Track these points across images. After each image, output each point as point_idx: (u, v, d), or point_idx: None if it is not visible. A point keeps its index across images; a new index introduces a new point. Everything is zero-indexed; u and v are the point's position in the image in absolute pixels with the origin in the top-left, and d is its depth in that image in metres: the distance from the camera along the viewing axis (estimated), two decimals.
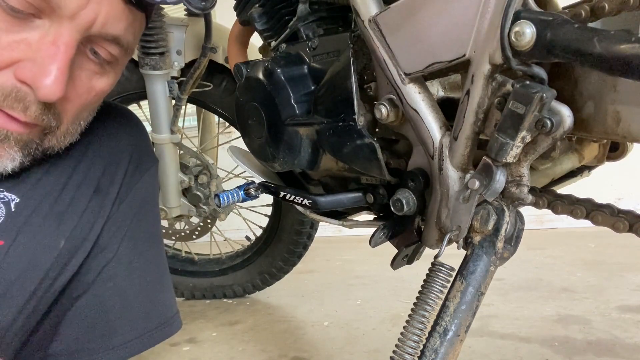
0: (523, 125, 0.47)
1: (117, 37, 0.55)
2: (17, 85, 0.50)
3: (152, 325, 0.70)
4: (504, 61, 0.48)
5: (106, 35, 0.54)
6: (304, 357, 1.19)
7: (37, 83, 0.49)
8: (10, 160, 0.53)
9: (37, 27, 0.50)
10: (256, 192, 0.85)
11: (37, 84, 0.49)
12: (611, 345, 1.12)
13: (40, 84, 0.49)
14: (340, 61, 0.68)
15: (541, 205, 0.68)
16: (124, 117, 0.72)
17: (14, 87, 0.50)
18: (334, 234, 2.65)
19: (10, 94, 0.50)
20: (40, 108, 0.52)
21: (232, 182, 1.58)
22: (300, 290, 1.74)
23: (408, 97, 0.59)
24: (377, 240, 0.67)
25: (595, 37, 0.42)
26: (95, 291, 0.66)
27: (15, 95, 0.50)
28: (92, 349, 0.66)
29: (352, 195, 0.73)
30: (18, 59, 0.50)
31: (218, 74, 1.35)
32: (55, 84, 0.49)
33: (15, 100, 0.50)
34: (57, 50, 0.50)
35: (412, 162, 0.64)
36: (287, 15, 0.79)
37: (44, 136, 0.56)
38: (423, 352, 0.56)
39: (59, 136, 0.57)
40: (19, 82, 0.50)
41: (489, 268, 0.57)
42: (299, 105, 0.74)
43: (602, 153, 0.71)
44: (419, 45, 0.56)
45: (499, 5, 0.47)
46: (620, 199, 2.28)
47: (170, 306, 0.74)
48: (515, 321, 1.30)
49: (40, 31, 0.50)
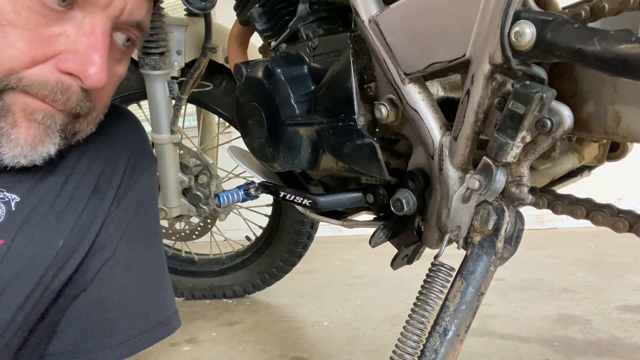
0: (523, 125, 0.47)
1: (140, 22, 0.58)
2: (62, 78, 0.52)
3: (150, 325, 0.70)
4: (504, 61, 0.48)
5: (132, 22, 0.57)
6: (304, 357, 1.19)
7: (84, 73, 0.52)
8: (53, 145, 0.55)
9: (72, 19, 0.52)
10: (256, 192, 0.85)
11: (83, 73, 0.52)
12: (611, 345, 1.12)
13: (86, 73, 0.52)
14: (340, 61, 0.68)
15: (541, 205, 0.68)
16: (122, 117, 0.73)
17: (58, 79, 0.52)
18: (334, 234, 2.65)
19: (55, 86, 0.52)
20: (80, 97, 0.54)
21: (232, 182, 1.58)
22: (300, 290, 1.74)
23: (408, 97, 0.59)
24: (377, 240, 0.67)
25: (595, 37, 0.42)
26: (94, 290, 0.66)
27: (60, 88, 0.52)
28: (90, 348, 0.66)
29: (352, 195, 0.73)
30: (59, 52, 0.51)
31: (218, 74, 1.35)
32: (100, 71, 0.52)
33: (60, 92, 0.52)
34: (97, 39, 0.52)
35: (412, 162, 0.64)
36: (287, 15, 0.79)
37: (75, 120, 0.58)
38: (423, 352, 0.56)
39: (90, 122, 0.60)
40: (62, 74, 0.52)
41: (489, 268, 0.57)
42: (299, 105, 0.74)
43: (602, 153, 0.71)
44: (419, 45, 0.56)
45: (499, 5, 0.47)
46: (620, 199, 2.28)
47: (169, 305, 0.74)
48: (515, 321, 1.30)
49: (75, 22, 0.52)
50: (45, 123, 0.53)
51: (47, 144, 0.54)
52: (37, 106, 0.53)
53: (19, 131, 0.52)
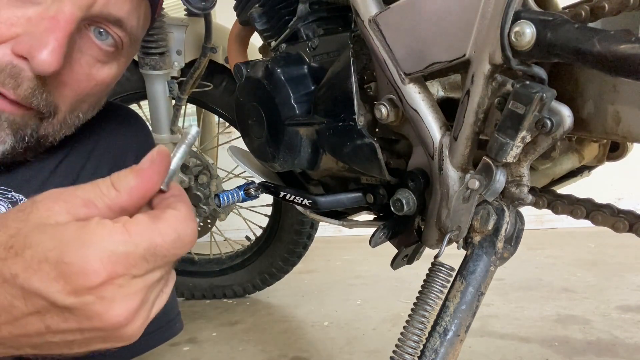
0: (523, 125, 0.47)
1: (120, 20, 0.55)
2: (14, 61, 0.49)
3: (153, 327, 0.70)
4: (504, 61, 0.48)
5: (109, 16, 0.53)
6: (304, 357, 1.19)
7: (33, 54, 0.48)
8: (1, 143, 0.52)
9: (39, 4, 0.50)
10: (256, 192, 0.85)
11: (33, 54, 0.48)
12: (611, 345, 1.13)
13: (36, 55, 0.48)
14: (340, 61, 0.68)
15: (541, 205, 0.68)
16: (128, 118, 0.73)
17: (9, 62, 0.49)
18: (334, 234, 2.65)
19: (4, 69, 0.49)
20: (32, 86, 0.51)
21: (232, 182, 1.58)
22: (300, 290, 1.74)
23: (408, 97, 0.59)
24: (377, 240, 0.67)
25: (595, 37, 0.42)
26: None
27: (10, 71, 0.49)
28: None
29: (352, 195, 0.73)
30: (17, 34, 0.49)
31: (218, 74, 1.35)
32: (51, 55, 0.48)
33: (9, 76, 0.49)
34: (57, 24, 0.49)
35: (412, 162, 0.64)
36: (287, 15, 0.79)
37: (39, 122, 0.54)
38: (423, 352, 0.56)
39: (55, 124, 0.56)
40: (15, 57, 0.49)
41: (489, 268, 0.57)
42: (299, 105, 0.74)
43: (602, 153, 0.71)
44: (419, 45, 0.56)
45: (499, 5, 0.47)
46: (620, 199, 2.28)
47: (172, 308, 0.74)
48: (515, 321, 1.30)
49: (42, 7, 0.50)
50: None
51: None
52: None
53: None
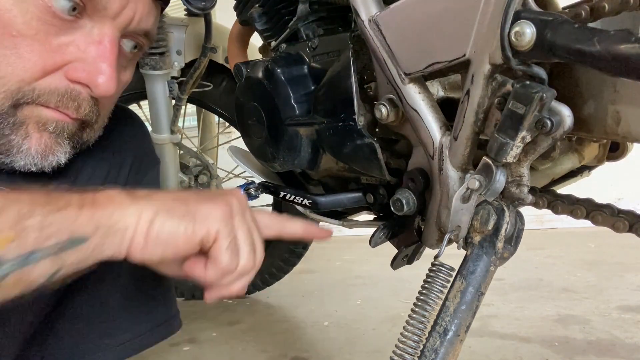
0: (523, 125, 0.47)
1: (148, 31, 0.59)
2: (71, 86, 0.53)
3: (151, 325, 0.70)
4: (504, 61, 0.48)
5: (140, 31, 0.57)
6: (304, 357, 1.19)
7: (93, 82, 0.52)
8: (64, 154, 0.56)
9: (81, 28, 0.52)
10: (256, 192, 0.85)
11: (92, 82, 0.52)
12: (611, 345, 1.13)
13: (96, 82, 0.52)
14: (340, 61, 0.68)
15: (541, 205, 0.68)
16: (126, 118, 0.73)
17: (67, 87, 0.53)
18: (334, 234, 2.64)
19: (65, 94, 0.53)
20: (90, 105, 0.55)
21: (232, 182, 1.58)
22: (300, 290, 1.74)
23: (408, 97, 0.59)
24: (377, 240, 0.67)
25: (595, 37, 0.42)
26: (95, 290, 0.66)
27: (70, 95, 0.53)
28: (91, 348, 0.66)
29: (352, 195, 0.73)
30: (68, 61, 0.52)
31: (218, 74, 1.35)
32: (109, 80, 0.53)
33: (70, 100, 0.53)
34: (105, 48, 0.53)
35: (412, 162, 0.64)
36: (287, 15, 0.79)
37: (83, 130, 0.58)
38: (423, 352, 0.56)
39: (96, 130, 0.60)
40: (71, 82, 0.53)
41: (489, 268, 0.57)
42: (299, 105, 0.74)
43: (602, 153, 0.70)
44: (419, 45, 0.56)
45: (499, 5, 0.47)
46: (620, 199, 2.28)
47: (170, 306, 0.74)
48: (515, 321, 1.30)
49: (84, 32, 0.52)
50: (56, 132, 0.54)
51: (57, 153, 0.55)
52: (50, 116, 0.53)
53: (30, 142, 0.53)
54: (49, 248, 0.41)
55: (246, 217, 0.52)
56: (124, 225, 0.45)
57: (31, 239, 0.40)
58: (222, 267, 0.49)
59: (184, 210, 0.47)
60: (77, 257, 0.43)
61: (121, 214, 0.45)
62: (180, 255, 0.48)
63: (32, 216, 0.41)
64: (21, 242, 0.40)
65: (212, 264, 0.49)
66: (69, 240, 0.42)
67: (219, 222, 0.48)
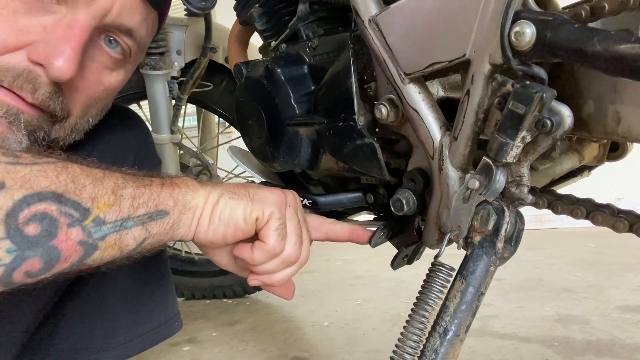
0: (523, 125, 0.47)
1: (131, 30, 0.57)
2: (30, 67, 0.51)
3: (152, 326, 0.70)
4: (504, 61, 0.48)
5: (120, 26, 0.56)
6: (304, 357, 1.19)
7: (50, 61, 0.51)
8: (17, 143, 0.53)
9: (55, 12, 0.52)
10: None
11: (49, 62, 0.51)
12: (611, 345, 1.13)
13: (52, 63, 0.51)
14: (340, 61, 0.68)
15: (541, 205, 0.68)
16: (128, 118, 0.73)
17: (26, 67, 0.51)
18: None
19: (21, 74, 0.51)
20: (49, 91, 0.53)
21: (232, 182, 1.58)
22: (300, 290, 1.74)
23: (408, 97, 0.59)
24: (377, 240, 0.67)
25: (595, 37, 0.42)
26: (95, 290, 0.66)
27: (27, 76, 0.51)
28: (92, 348, 0.66)
29: (352, 195, 0.73)
30: (32, 41, 0.51)
31: (218, 74, 1.35)
32: (67, 62, 0.51)
33: (26, 81, 0.51)
34: (72, 32, 0.52)
35: (412, 162, 0.64)
36: (287, 15, 0.79)
37: (52, 125, 0.56)
38: (423, 352, 0.56)
39: (67, 128, 0.58)
40: (31, 63, 0.51)
41: (489, 268, 0.57)
42: (299, 105, 0.74)
43: (602, 153, 0.71)
44: (419, 45, 0.56)
45: (499, 5, 0.47)
46: (620, 199, 2.28)
47: (171, 307, 0.74)
48: (515, 321, 1.30)
49: (57, 16, 0.52)
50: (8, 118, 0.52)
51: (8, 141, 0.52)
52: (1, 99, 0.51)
53: None
54: (140, 217, 0.46)
55: (298, 212, 0.57)
56: (195, 204, 0.50)
57: (126, 206, 0.45)
58: (269, 247, 0.52)
59: (244, 193, 0.53)
60: (159, 230, 0.47)
61: (193, 194, 0.50)
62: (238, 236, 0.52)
63: (126, 187, 0.45)
64: (119, 208, 0.44)
65: (260, 245, 0.53)
66: (155, 212, 0.47)
67: (273, 206, 0.53)
